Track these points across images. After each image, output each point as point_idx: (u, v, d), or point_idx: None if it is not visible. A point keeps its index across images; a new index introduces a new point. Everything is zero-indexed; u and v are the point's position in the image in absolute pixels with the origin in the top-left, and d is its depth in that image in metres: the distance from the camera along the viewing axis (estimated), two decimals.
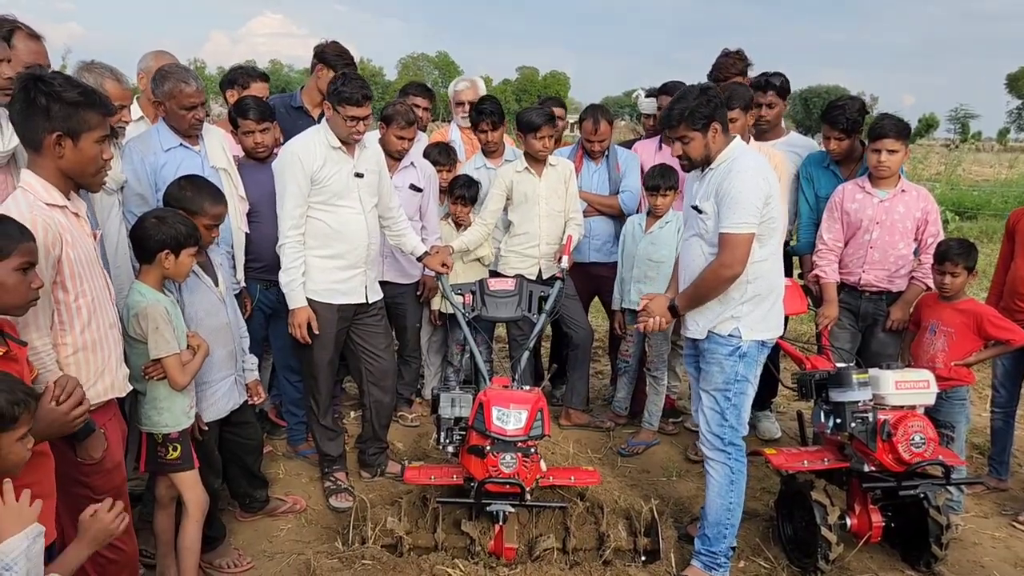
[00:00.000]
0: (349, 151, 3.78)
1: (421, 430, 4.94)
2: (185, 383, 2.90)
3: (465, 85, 5.38)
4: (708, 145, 3.17)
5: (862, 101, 4.35)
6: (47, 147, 2.31)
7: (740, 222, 3.08)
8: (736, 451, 3.28)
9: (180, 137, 3.60)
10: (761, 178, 3.11)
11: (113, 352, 2.54)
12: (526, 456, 3.28)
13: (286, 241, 3.71)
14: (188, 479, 3.02)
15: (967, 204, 15.99)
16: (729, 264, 3.12)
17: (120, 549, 2.57)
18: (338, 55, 4.66)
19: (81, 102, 2.32)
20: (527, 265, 4.70)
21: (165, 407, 2.92)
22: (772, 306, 3.28)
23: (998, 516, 4.05)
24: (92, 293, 2.41)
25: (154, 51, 4.12)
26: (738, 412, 3.27)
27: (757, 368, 3.27)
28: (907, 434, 3.25)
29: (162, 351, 2.83)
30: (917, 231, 4.01)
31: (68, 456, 2.35)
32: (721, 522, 3.30)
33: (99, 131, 2.39)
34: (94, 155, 2.40)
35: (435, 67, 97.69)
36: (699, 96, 3.14)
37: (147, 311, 2.80)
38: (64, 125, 2.30)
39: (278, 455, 4.53)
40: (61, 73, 2.49)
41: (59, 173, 2.36)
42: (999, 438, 4.32)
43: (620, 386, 5.03)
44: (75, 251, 2.35)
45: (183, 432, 2.97)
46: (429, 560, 3.28)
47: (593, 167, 4.98)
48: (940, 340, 3.82)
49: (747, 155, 3.19)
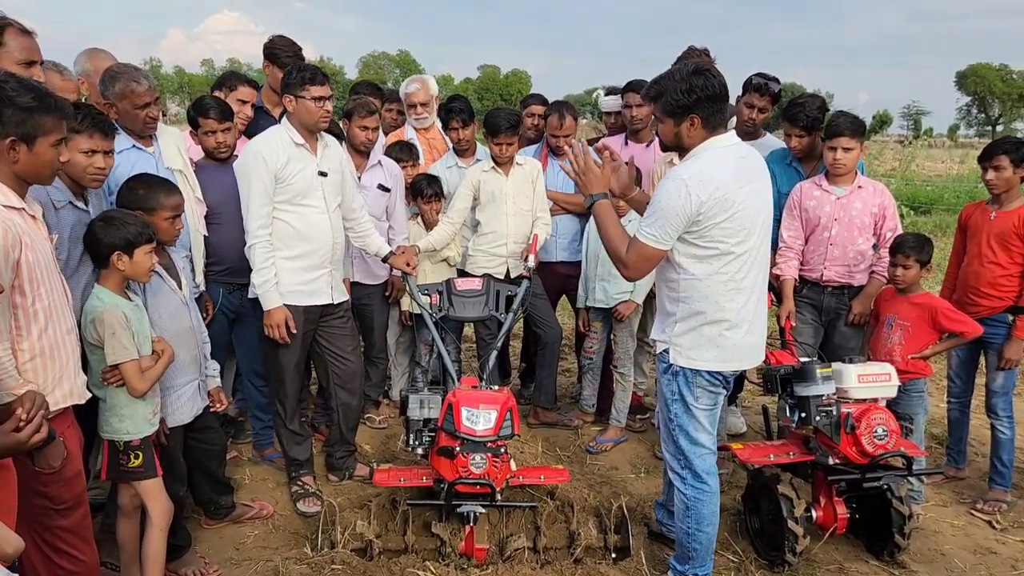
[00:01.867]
0: (312, 149, 3.74)
1: (389, 432, 4.91)
2: (143, 390, 2.84)
3: (416, 87, 5.25)
4: (680, 135, 2.86)
5: (822, 99, 4.41)
6: (1, 152, 2.25)
7: (650, 233, 2.82)
8: (694, 478, 3.04)
9: (133, 138, 3.52)
10: (686, 192, 2.72)
11: (71, 358, 2.48)
12: (496, 456, 3.27)
13: (255, 241, 3.65)
14: (151, 487, 2.96)
15: (921, 199, 16.40)
16: (626, 262, 2.91)
17: (79, 560, 2.51)
18: (283, 48, 4.63)
19: (35, 107, 2.26)
20: (495, 264, 4.69)
21: (126, 414, 2.86)
22: (706, 338, 2.92)
23: (957, 504, 4.16)
24: (49, 298, 2.36)
25: (87, 51, 3.97)
26: (686, 434, 3.01)
27: (699, 391, 2.97)
28: (870, 427, 3.31)
29: (118, 357, 2.76)
30: (875, 226, 4.08)
31: (27, 467, 2.29)
32: (683, 543, 3.12)
33: (55, 135, 2.33)
34: (50, 159, 2.35)
35: (396, 65, 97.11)
36: (685, 80, 2.78)
37: (103, 316, 2.74)
38: (17, 130, 2.25)
39: (244, 460, 4.46)
40: (16, 76, 2.40)
41: (14, 176, 2.30)
42: (955, 428, 4.43)
43: (585, 384, 5.05)
44: (33, 254, 2.29)
45: (145, 439, 2.91)
46: (400, 563, 3.27)
47: (558, 165, 4.99)
48: (897, 334, 3.90)
49: (702, 159, 2.83)
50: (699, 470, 3.05)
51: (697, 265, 2.87)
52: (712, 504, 3.08)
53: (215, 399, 3.43)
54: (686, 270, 2.90)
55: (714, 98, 2.80)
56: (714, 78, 2.81)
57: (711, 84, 2.79)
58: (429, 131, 5.33)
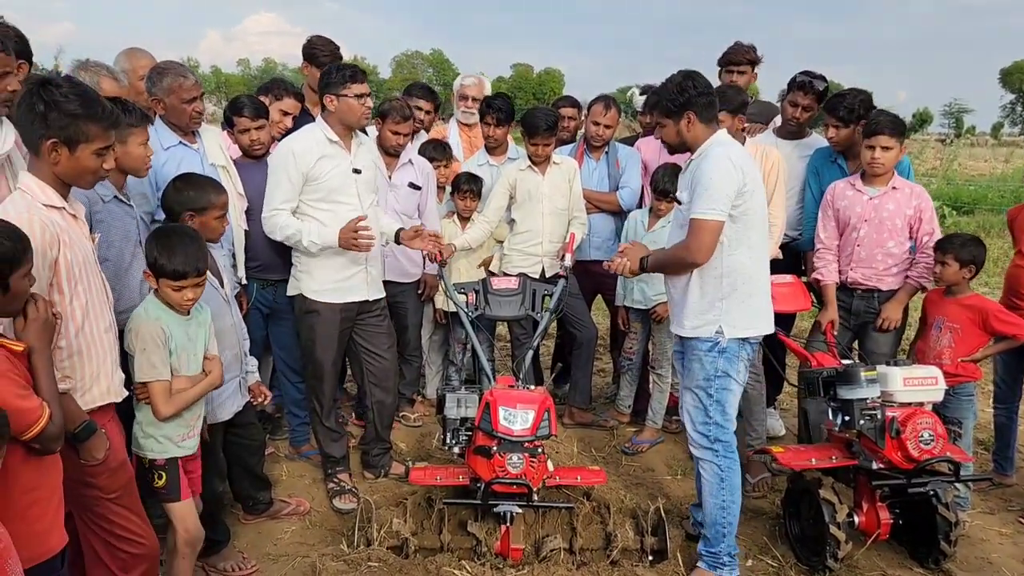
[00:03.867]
0: (346, 146, 3.75)
1: (424, 430, 4.91)
2: (167, 414, 2.69)
3: (472, 81, 5.40)
4: (681, 133, 3.17)
5: (867, 94, 4.31)
6: (43, 152, 2.29)
7: (708, 208, 3.04)
8: (724, 448, 3.24)
9: (179, 135, 3.57)
10: (732, 166, 3.05)
11: (109, 355, 2.49)
12: (533, 456, 3.25)
13: (274, 214, 3.68)
14: (178, 510, 2.81)
15: (964, 199, 16.04)
16: (693, 250, 3.10)
17: (139, 543, 2.56)
18: (321, 48, 4.67)
19: (80, 114, 2.28)
20: (530, 263, 4.67)
21: (150, 432, 2.75)
22: (755, 303, 3.22)
23: (1004, 512, 4.04)
24: (87, 296, 2.38)
25: (126, 50, 4.00)
26: (722, 408, 3.22)
27: (739, 364, 3.22)
28: (916, 431, 3.23)
29: (145, 376, 2.67)
30: (911, 229, 3.97)
31: (73, 460, 2.33)
32: (717, 522, 3.25)
33: (99, 143, 2.35)
34: (91, 167, 2.37)
35: (429, 65, 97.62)
36: (676, 84, 3.14)
37: (140, 329, 2.66)
38: (61, 133, 2.27)
39: (280, 456, 4.50)
40: (72, 80, 2.42)
41: (55, 177, 2.34)
42: (1002, 434, 4.30)
43: (623, 384, 5.01)
44: (72, 253, 2.32)
45: (171, 460, 2.77)
46: (435, 561, 3.26)
47: (593, 164, 4.96)
48: (946, 336, 3.81)
49: (723, 145, 3.15)
50: (728, 440, 3.25)
51: (737, 238, 3.14)
52: (739, 475, 3.29)
53: (256, 393, 3.43)
54: (728, 247, 3.13)
55: (704, 94, 3.15)
56: (700, 79, 3.18)
57: (699, 83, 3.16)
58: (472, 129, 5.35)
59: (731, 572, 3.28)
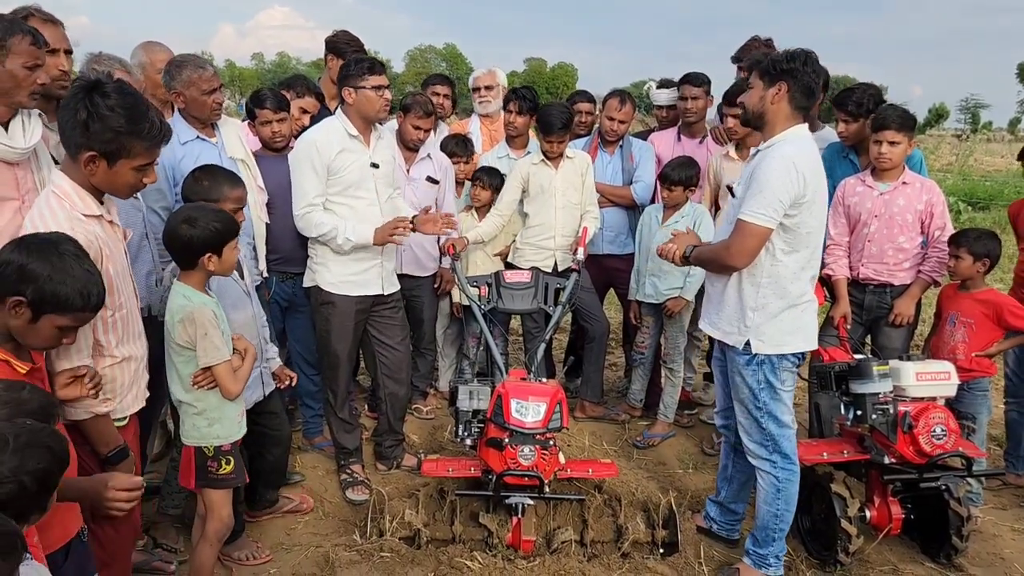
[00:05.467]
0: (366, 141, 3.77)
1: (436, 422, 4.94)
2: (238, 391, 2.72)
3: (483, 71, 5.42)
4: (764, 101, 2.98)
5: (878, 88, 4.29)
6: (80, 161, 2.22)
7: (757, 211, 2.90)
8: (783, 460, 3.15)
9: (196, 129, 3.59)
10: (796, 172, 2.87)
11: (141, 362, 2.48)
12: (545, 448, 3.27)
13: (303, 213, 3.70)
14: (221, 498, 2.82)
15: (979, 195, 15.89)
16: (733, 252, 2.99)
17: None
18: (347, 43, 4.70)
19: (124, 131, 2.19)
20: (542, 257, 4.68)
21: (216, 417, 2.74)
22: (793, 319, 3.07)
23: (1017, 508, 4.03)
24: (127, 306, 2.37)
25: (143, 43, 4.01)
26: (775, 418, 3.12)
27: (783, 374, 3.11)
28: (928, 426, 3.23)
29: (212, 358, 2.64)
30: (923, 225, 3.95)
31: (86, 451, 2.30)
32: (768, 527, 3.20)
33: (140, 160, 2.27)
34: (131, 182, 2.30)
35: (443, 59, 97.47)
36: (790, 52, 2.95)
37: (194, 316, 2.61)
38: (101, 147, 2.20)
39: (294, 447, 4.52)
40: (123, 88, 2.26)
41: (90, 184, 2.28)
42: (1014, 431, 4.27)
43: (635, 378, 5.01)
44: (113, 264, 2.28)
45: (234, 444, 2.80)
46: (447, 552, 3.29)
47: (607, 158, 4.96)
48: (960, 331, 3.80)
49: (796, 143, 2.96)
50: (787, 451, 3.16)
51: (786, 249, 3.00)
52: (797, 484, 3.20)
53: (282, 377, 3.41)
54: (774, 256, 3.00)
55: (808, 75, 2.94)
56: (815, 64, 2.96)
57: (811, 63, 2.94)
58: (494, 122, 5.38)
59: (776, 571, 3.24)
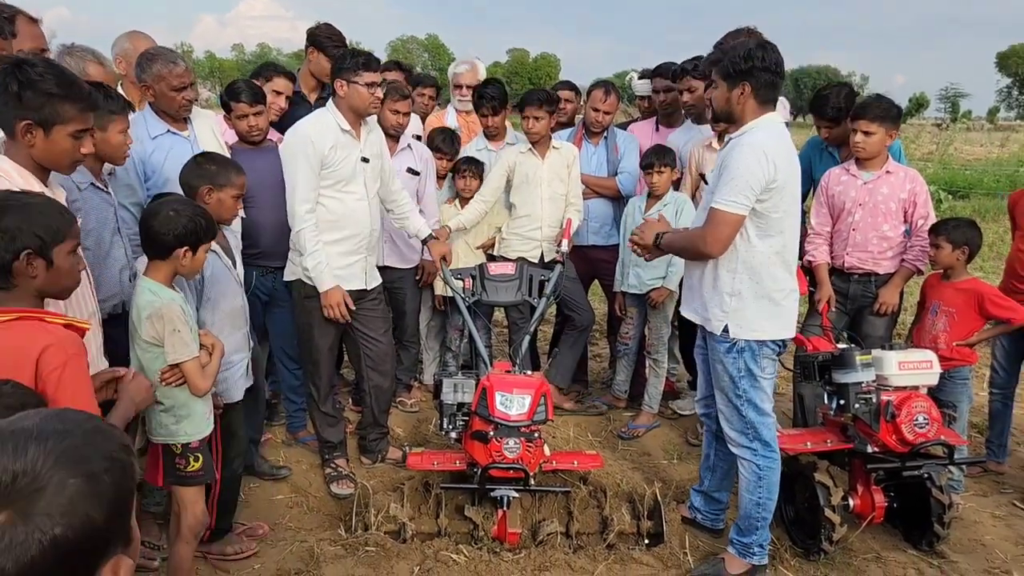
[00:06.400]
0: (357, 135, 3.74)
1: (421, 416, 4.92)
2: (207, 388, 2.68)
3: (465, 68, 5.34)
4: (731, 101, 2.99)
5: (850, 87, 4.33)
6: (18, 134, 2.24)
7: (729, 199, 2.90)
8: (764, 448, 3.15)
9: (168, 123, 3.53)
10: (765, 158, 2.87)
11: (93, 343, 2.44)
12: (529, 441, 3.26)
13: (304, 226, 3.63)
14: (190, 495, 2.75)
15: (959, 184, 16.04)
16: (708, 241, 2.99)
17: None
18: (329, 37, 4.62)
19: (56, 94, 2.22)
20: (530, 248, 4.67)
21: (184, 414, 2.67)
22: (771, 305, 3.06)
23: (998, 495, 4.07)
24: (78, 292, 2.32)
25: (128, 32, 3.98)
26: (755, 406, 3.12)
27: (763, 361, 3.11)
28: (911, 415, 3.25)
29: (181, 355, 2.58)
30: (906, 213, 3.97)
31: None
32: (751, 515, 3.20)
33: (75, 125, 2.29)
34: (67, 148, 2.30)
35: (425, 50, 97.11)
36: (747, 49, 2.93)
37: (162, 312, 2.55)
38: (35, 115, 2.22)
39: (277, 442, 4.50)
40: (47, 60, 2.35)
41: (32, 161, 2.28)
42: (997, 420, 4.31)
43: (620, 369, 5.02)
44: None
45: (202, 441, 2.74)
46: (432, 546, 3.29)
47: (592, 149, 4.95)
48: (942, 320, 3.82)
49: (767, 130, 2.97)
50: (767, 439, 3.16)
51: (759, 234, 3.00)
52: (778, 472, 3.20)
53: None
54: (748, 241, 3.01)
55: (767, 71, 2.94)
56: (773, 54, 2.96)
57: (768, 58, 2.94)
58: (471, 114, 5.34)
59: (760, 560, 3.24)
